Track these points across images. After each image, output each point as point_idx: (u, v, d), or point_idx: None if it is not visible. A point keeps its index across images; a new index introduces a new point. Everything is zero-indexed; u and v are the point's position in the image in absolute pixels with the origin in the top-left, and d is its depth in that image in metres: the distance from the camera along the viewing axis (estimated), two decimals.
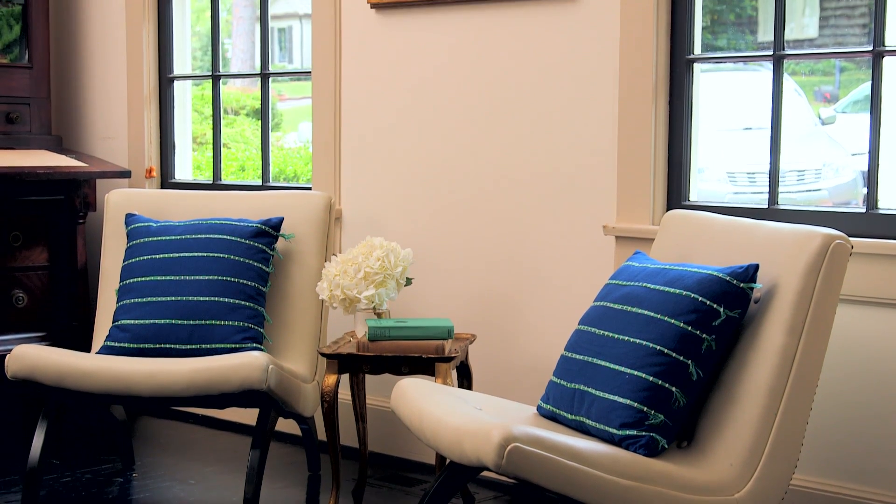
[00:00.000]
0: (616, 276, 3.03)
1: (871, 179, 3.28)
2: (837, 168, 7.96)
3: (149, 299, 3.77)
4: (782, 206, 3.44)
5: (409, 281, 3.68)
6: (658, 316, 2.77)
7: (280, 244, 3.94)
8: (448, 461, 2.73)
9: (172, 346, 3.71)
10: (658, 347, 2.72)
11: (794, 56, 3.63)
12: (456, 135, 4.04)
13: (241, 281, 3.77)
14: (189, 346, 3.70)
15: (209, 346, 3.69)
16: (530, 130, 3.86)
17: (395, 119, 4.19)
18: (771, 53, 3.43)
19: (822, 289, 2.68)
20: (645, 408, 2.69)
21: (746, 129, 8.14)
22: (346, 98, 4.32)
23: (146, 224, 3.97)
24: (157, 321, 3.73)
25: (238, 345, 3.68)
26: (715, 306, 2.71)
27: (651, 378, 2.70)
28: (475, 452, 2.50)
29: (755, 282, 2.74)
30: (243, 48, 11.31)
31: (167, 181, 5.00)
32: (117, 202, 4.19)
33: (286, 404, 3.57)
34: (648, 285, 2.86)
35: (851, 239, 2.78)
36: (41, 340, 4.56)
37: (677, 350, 2.71)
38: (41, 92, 4.92)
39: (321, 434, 3.96)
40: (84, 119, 5.25)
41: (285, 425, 4.21)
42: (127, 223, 4.01)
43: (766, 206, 3.45)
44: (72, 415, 4.53)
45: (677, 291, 2.77)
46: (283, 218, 3.94)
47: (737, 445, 2.67)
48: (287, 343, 3.88)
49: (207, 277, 3.77)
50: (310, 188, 4.46)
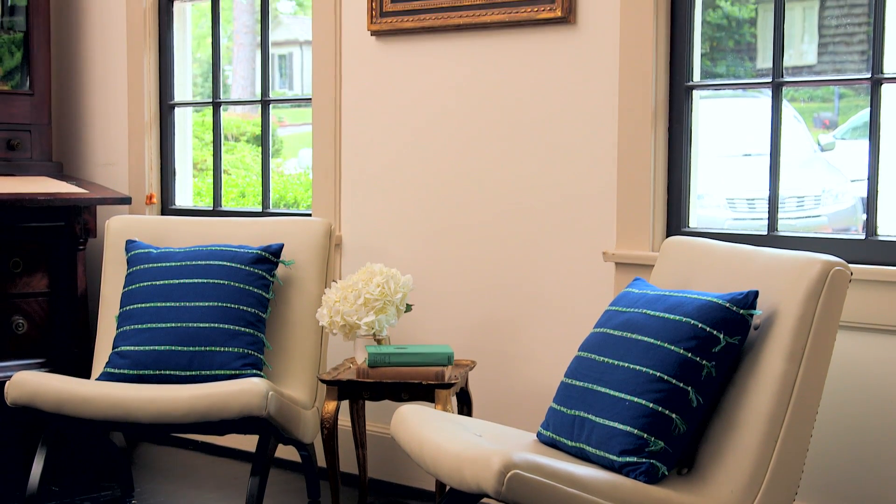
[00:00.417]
0: (616, 303, 3.03)
1: (871, 206, 3.28)
2: (837, 194, 7.98)
3: (149, 325, 3.77)
4: (782, 233, 3.44)
5: (409, 307, 3.69)
6: (658, 342, 2.77)
7: (280, 270, 3.95)
8: (448, 488, 2.73)
9: (172, 373, 3.71)
10: (658, 374, 2.72)
11: (793, 83, 3.64)
12: (456, 161, 4.04)
13: (241, 307, 3.77)
14: (189, 373, 3.70)
15: (209, 373, 3.69)
16: (530, 156, 3.86)
17: (396, 146, 4.20)
18: (770, 81, 3.44)
19: (822, 315, 2.68)
20: (645, 434, 2.68)
21: (746, 156, 8.16)
22: (347, 125, 4.33)
23: (146, 250, 3.97)
24: (157, 347, 3.73)
25: (238, 371, 3.68)
26: (715, 333, 2.71)
27: (651, 405, 2.70)
28: (475, 479, 2.49)
29: (755, 308, 2.74)
30: (244, 74, 11.35)
31: (167, 207, 5.00)
32: (118, 228, 4.19)
33: (286, 431, 3.57)
34: (648, 312, 2.86)
35: (851, 266, 2.78)
36: (41, 367, 4.56)
37: (677, 377, 2.70)
38: (42, 119, 4.93)
39: (321, 461, 3.95)
40: (85, 145, 5.26)
41: (285, 452, 4.21)
42: (127, 249, 4.02)
43: (766, 233, 3.45)
44: (71, 441, 4.52)
45: (677, 318, 2.77)
46: (284, 244, 3.94)
47: (737, 472, 2.67)
48: (287, 369, 3.88)
49: (207, 304, 3.77)
50: (310, 214, 4.46)
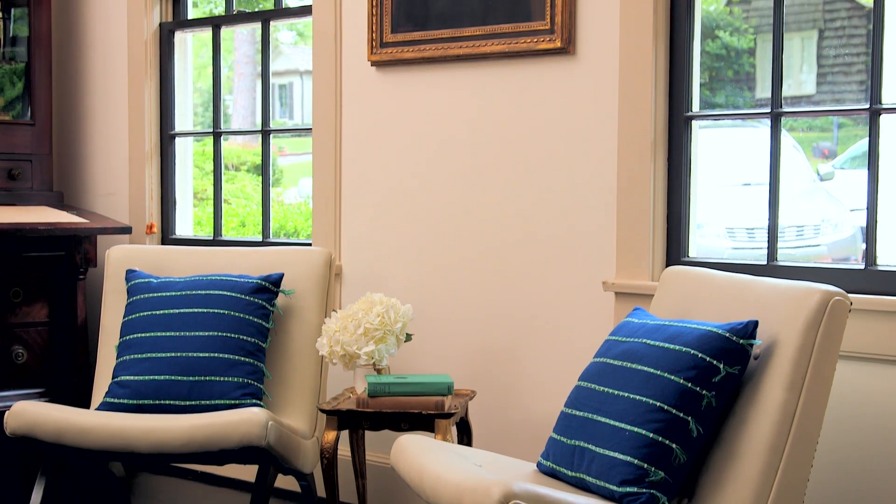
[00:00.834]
0: (616, 333, 3.03)
1: (870, 236, 3.29)
2: (836, 224, 7.98)
3: (148, 355, 3.77)
4: (781, 263, 3.45)
5: (409, 337, 3.69)
6: (658, 372, 2.77)
7: (280, 300, 3.95)
8: None
9: (172, 402, 3.70)
10: (658, 404, 2.72)
11: (792, 114, 3.65)
12: (456, 191, 4.05)
13: (241, 337, 3.77)
14: (188, 402, 3.69)
15: (208, 402, 3.68)
16: (529, 186, 3.87)
17: (396, 176, 4.21)
18: (769, 111, 3.46)
19: (822, 345, 2.68)
20: (645, 464, 2.68)
21: (745, 185, 8.17)
22: (347, 154, 4.34)
23: (147, 280, 3.98)
24: (157, 377, 3.73)
25: (237, 401, 3.68)
26: (715, 363, 2.72)
27: (651, 434, 2.70)
28: None
29: (755, 338, 2.74)
30: (244, 104, 11.38)
31: (168, 237, 5.01)
32: (118, 258, 4.20)
33: (285, 461, 3.56)
34: (648, 341, 2.87)
35: (850, 295, 2.78)
36: (40, 396, 4.55)
37: (677, 406, 2.70)
38: (43, 149, 4.94)
39: (321, 490, 3.94)
40: (85, 175, 5.27)
41: (285, 482, 4.19)
42: (127, 279, 4.02)
43: (766, 263, 3.45)
44: (70, 471, 4.51)
45: (677, 348, 2.77)
46: (284, 274, 3.94)
47: (738, 502, 2.66)
48: (287, 399, 3.87)
49: (207, 333, 3.77)
50: (310, 244, 4.47)
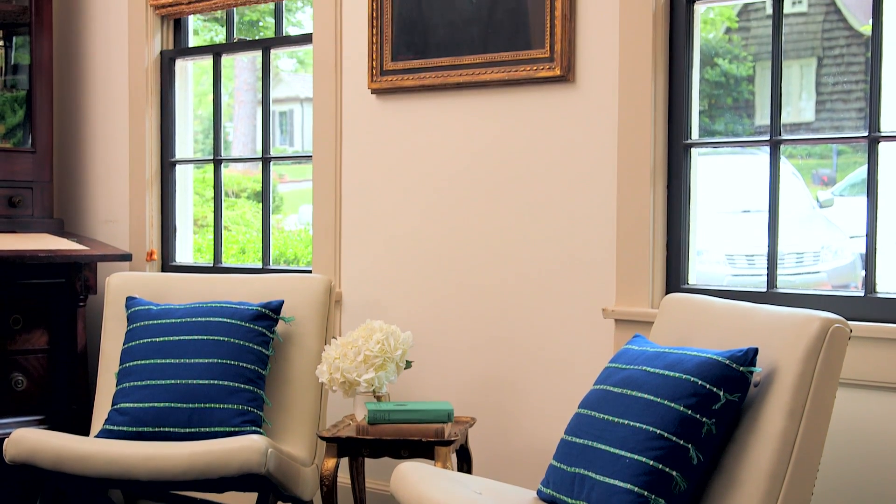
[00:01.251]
0: (615, 360, 3.03)
1: (870, 262, 3.29)
2: (836, 250, 7.99)
3: (148, 382, 3.77)
4: (781, 290, 3.45)
5: (409, 364, 3.68)
6: (658, 399, 2.76)
7: (280, 327, 3.95)
8: None
9: (171, 430, 3.70)
10: (658, 431, 2.71)
11: (791, 141, 3.66)
12: (456, 218, 4.06)
13: (241, 364, 3.77)
14: (188, 430, 3.69)
15: (208, 430, 3.68)
16: (529, 214, 3.88)
17: (396, 203, 4.22)
18: (768, 138, 3.47)
19: (822, 373, 2.68)
20: (645, 492, 2.67)
21: (745, 212, 8.19)
22: (347, 181, 4.35)
23: (147, 307, 3.98)
24: (156, 404, 3.72)
25: (237, 428, 3.67)
26: (715, 390, 2.71)
27: (651, 462, 2.69)
28: None
29: (755, 365, 2.74)
30: (244, 131, 11.40)
31: (168, 264, 5.01)
32: (118, 285, 4.20)
33: (285, 488, 3.55)
34: (648, 369, 2.86)
35: (850, 323, 2.79)
36: (40, 424, 4.54)
37: (677, 434, 2.70)
38: (44, 176, 4.94)
39: None
40: (86, 203, 5.28)
41: None
42: (127, 306, 4.02)
43: (765, 290, 3.46)
44: (70, 499, 4.50)
45: (677, 375, 2.77)
46: (284, 301, 3.94)
47: None
48: (286, 426, 3.87)
49: (207, 360, 3.76)
50: (310, 271, 4.47)
